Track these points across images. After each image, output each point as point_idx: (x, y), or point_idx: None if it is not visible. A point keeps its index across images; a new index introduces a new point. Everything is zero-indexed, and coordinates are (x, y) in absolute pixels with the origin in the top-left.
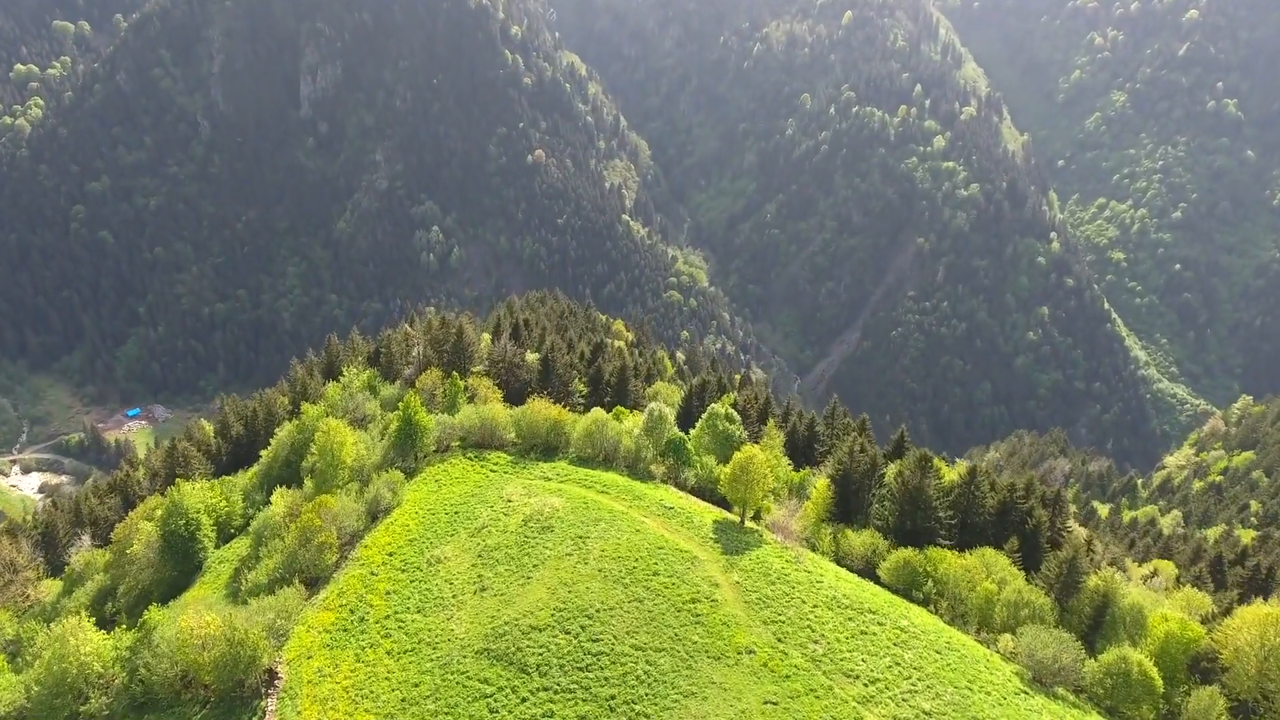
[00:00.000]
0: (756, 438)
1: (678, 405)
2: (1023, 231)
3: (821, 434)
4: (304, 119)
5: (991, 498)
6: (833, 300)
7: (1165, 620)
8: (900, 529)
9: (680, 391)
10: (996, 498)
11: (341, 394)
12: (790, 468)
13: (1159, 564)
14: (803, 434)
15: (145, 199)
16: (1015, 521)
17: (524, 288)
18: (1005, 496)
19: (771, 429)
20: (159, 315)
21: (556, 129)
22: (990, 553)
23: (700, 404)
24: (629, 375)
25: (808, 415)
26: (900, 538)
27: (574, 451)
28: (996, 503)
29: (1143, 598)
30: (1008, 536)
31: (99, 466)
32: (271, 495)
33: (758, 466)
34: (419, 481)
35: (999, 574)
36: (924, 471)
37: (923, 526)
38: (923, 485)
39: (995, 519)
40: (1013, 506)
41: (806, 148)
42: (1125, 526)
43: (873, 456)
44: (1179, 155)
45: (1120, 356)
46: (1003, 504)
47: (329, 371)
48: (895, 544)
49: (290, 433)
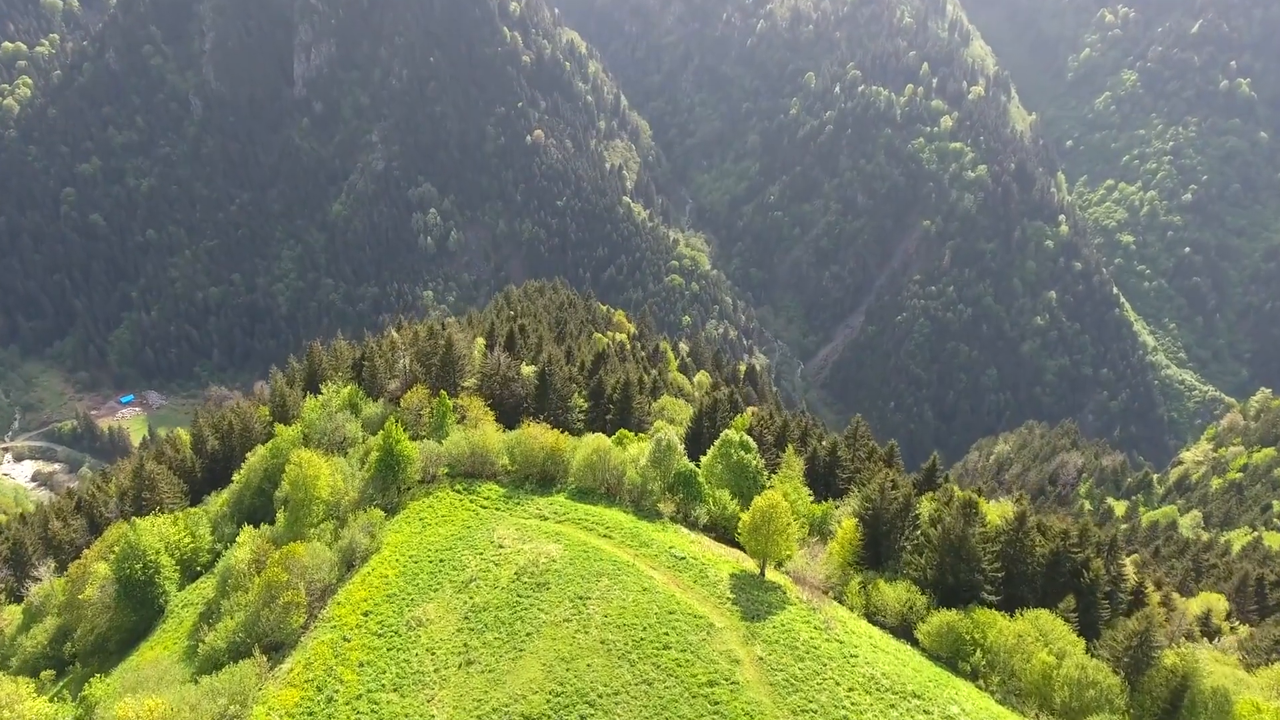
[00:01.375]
0: (774, 466)
1: (686, 424)
2: (1031, 214)
3: (844, 459)
4: (298, 98)
5: (1042, 546)
6: (837, 284)
7: (1258, 712)
8: (940, 582)
9: (689, 409)
10: (1047, 546)
11: (320, 413)
12: (810, 498)
13: (1209, 599)
14: (823, 459)
15: (137, 180)
16: (1068, 573)
17: (523, 272)
18: (1057, 545)
19: (790, 456)
20: (152, 300)
21: (556, 108)
22: (1045, 616)
23: (711, 424)
24: (633, 391)
25: (828, 438)
26: (939, 591)
27: (573, 482)
28: (1048, 552)
29: (1226, 678)
30: (1060, 592)
31: (92, 454)
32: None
33: (781, 516)
34: (401, 520)
35: (1057, 642)
36: (968, 519)
37: (965, 580)
38: (966, 535)
39: (1045, 570)
40: (1066, 557)
41: (811, 128)
42: (1145, 530)
43: (906, 495)
44: (1190, 136)
45: (1128, 342)
46: (1054, 554)
47: (310, 382)
48: (933, 598)
49: (263, 458)
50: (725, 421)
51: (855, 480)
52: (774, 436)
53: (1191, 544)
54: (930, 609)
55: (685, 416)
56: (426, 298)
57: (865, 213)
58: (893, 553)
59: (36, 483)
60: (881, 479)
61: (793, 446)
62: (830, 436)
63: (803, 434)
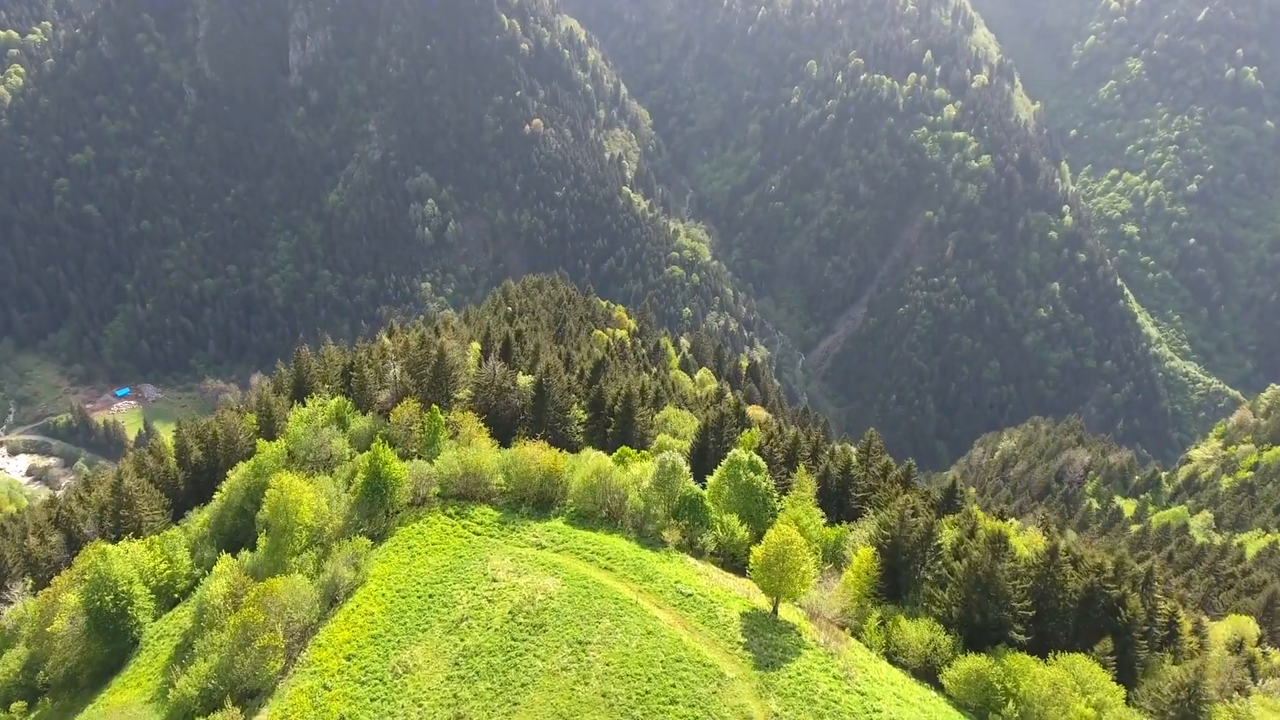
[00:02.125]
0: (784, 486)
1: (691, 438)
2: (1035, 205)
3: (857, 478)
4: (294, 87)
5: (1074, 581)
6: (838, 275)
7: None
8: (965, 620)
9: (693, 421)
10: (1081, 582)
11: (305, 428)
12: (822, 520)
13: (1238, 623)
14: (836, 478)
15: (131, 171)
16: (1102, 610)
17: (522, 263)
18: (1092, 580)
19: (802, 476)
20: (147, 291)
21: (555, 97)
22: (1081, 661)
23: (718, 440)
24: (634, 404)
25: (841, 454)
26: (964, 629)
27: (572, 505)
28: (1081, 588)
29: None
30: (1094, 630)
31: (87, 448)
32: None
33: (796, 553)
34: (389, 548)
35: (1095, 692)
36: (996, 553)
37: (993, 619)
38: (995, 572)
39: (1078, 607)
40: (1100, 593)
41: (812, 117)
42: (1156, 533)
43: (928, 524)
44: (1195, 125)
45: (1132, 334)
46: (1088, 590)
47: (298, 389)
48: (958, 638)
49: (245, 476)
50: (732, 437)
51: (870, 500)
52: (784, 454)
53: (1206, 549)
54: (955, 650)
55: (690, 429)
56: (424, 289)
57: (867, 203)
58: (913, 584)
59: (31, 477)
60: (901, 506)
61: (804, 466)
62: (843, 450)
63: (814, 450)
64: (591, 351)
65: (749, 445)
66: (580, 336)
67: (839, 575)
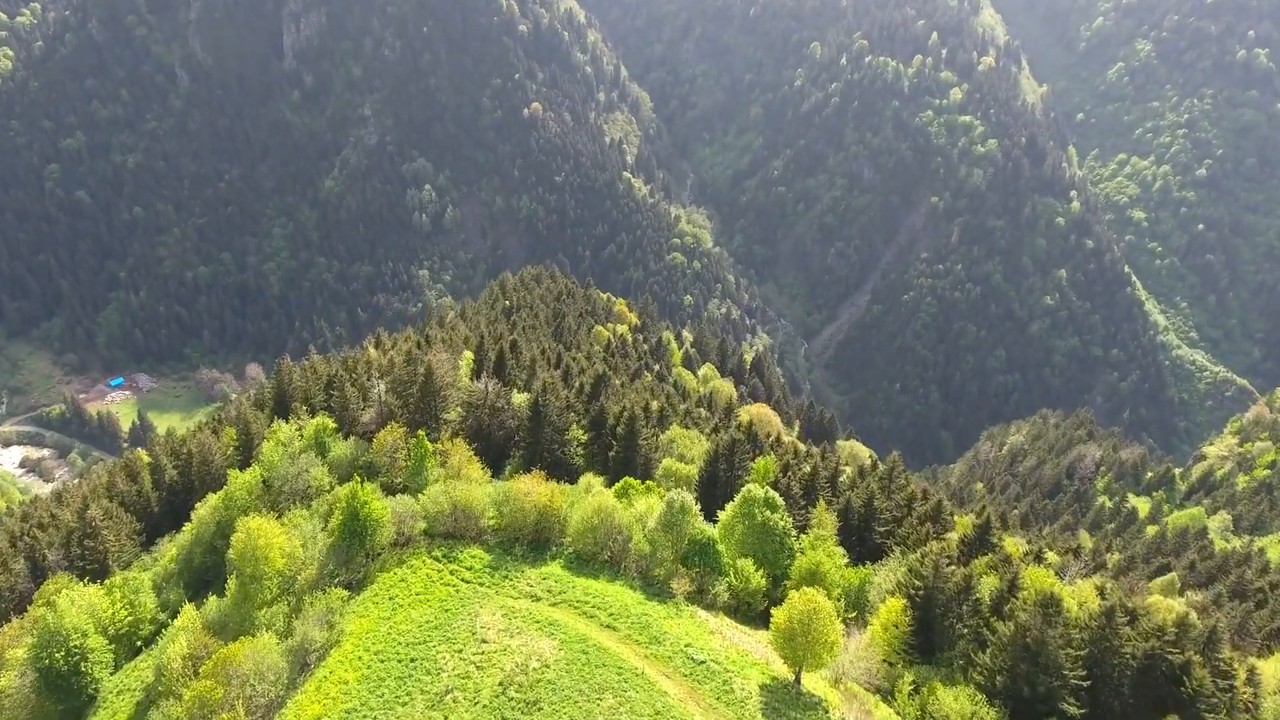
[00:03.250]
0: (804, 524)
1: (700, 461)
2: (1042, 190)
3: (880, 510)
4: (288, 71)
5: (1132, 643)
6: (842, 262)
7: None
8: (1011, 690)
9: (701, 442)
10: (1139, 646)
11: (280, 455)
12: (844, 559)
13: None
14: (858, 511)
15: (123, 156)
16: (1163, 677)
17: (521, 250)
18: (1153, 644)
19: (822, 513)
20: (140, 279)
21: (554, 80)
22: None
23: (729, 468)
24: (638, 426)
25: (864, 486)
26: (1009, 699)
27: (570, 546)
28: (1140, 653)
29: None
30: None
31: (81, 439)
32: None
33: (823, 622)
34: (368, 598)
35: None
36: (1048, 618)
37: (1043, 691)
38: (1047, 639)
39: (1137, 674)
40: (1161, 659)
41: (816, 100)
42: (1174, 538)
43: (966, 576)
44: (1205, 109)
45: (1139, 322)
46: (1148, 655)
47: (280, 403)
48: (1004, 710)
49: (215, 509)
50: (744, 464)
51: (895, 536)
52: (801, 485)
53: (1230, 559)
54: None
55: (698, 453)
56: (422, 277)
57: (871, 188)
58: (948, 640)
59: (25, 469)
60: (935, 555)
61: (824, 501)
62: (868, 483)
63: (832, 477)
64: (592, 352)
65: (763, 475)
66: (580, 334)
67: (863, 625)
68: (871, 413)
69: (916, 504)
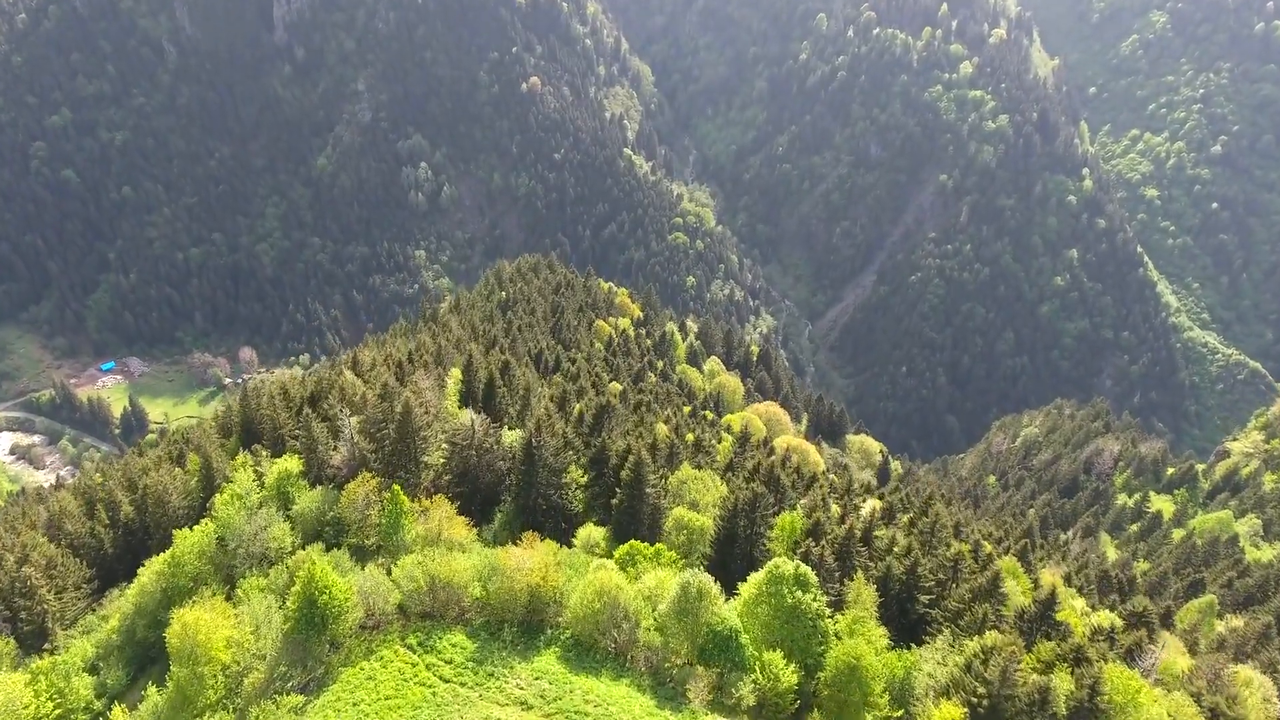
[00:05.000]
0: (839, 600)
1: (714, 511)
2: (1053, 168)
3: (924, 577)
4: (278, 44)
5: None
6: (847, 241)
7: None
8: None
9: (716, 485)
10: None
11: (236, 509)
12: (885, 639)
13: None
14: (898, 578)
15: (110, 134)
16: None
17: (519, 229)
18: None
19: (860, 587)
20: (130, 261)
21: (553, 53)
22: None
23: (749, 523)
24: (645, 472)
25: (905, 548)
26: None
27: (569, 630)
28: None
29: None
30: None
31: (72, 425)
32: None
33: None
34: (327, 703)
35: None
36: None
37: None
38: None
39: None
40: None
41: (822, 74)
42: (1204, 547)
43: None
44: (1221, 83)
45: (1151, 304)
46: None
47: (247, 431)
48: None
49: (160, 575)
50: (766, 519)
51: (941, 605)
52: (835, 550)
53: (1270, 575)
54: None
55: (712, 498)
56: (419, 257)
57: (879, 166)
58: None
59: (15, 456)
60: (1002, 657)
61: (861, 574)
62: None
63: (865, 535)
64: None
65: (788, 535)
66: (579, 331)
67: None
68: (877, 396)
69: (963, 566)
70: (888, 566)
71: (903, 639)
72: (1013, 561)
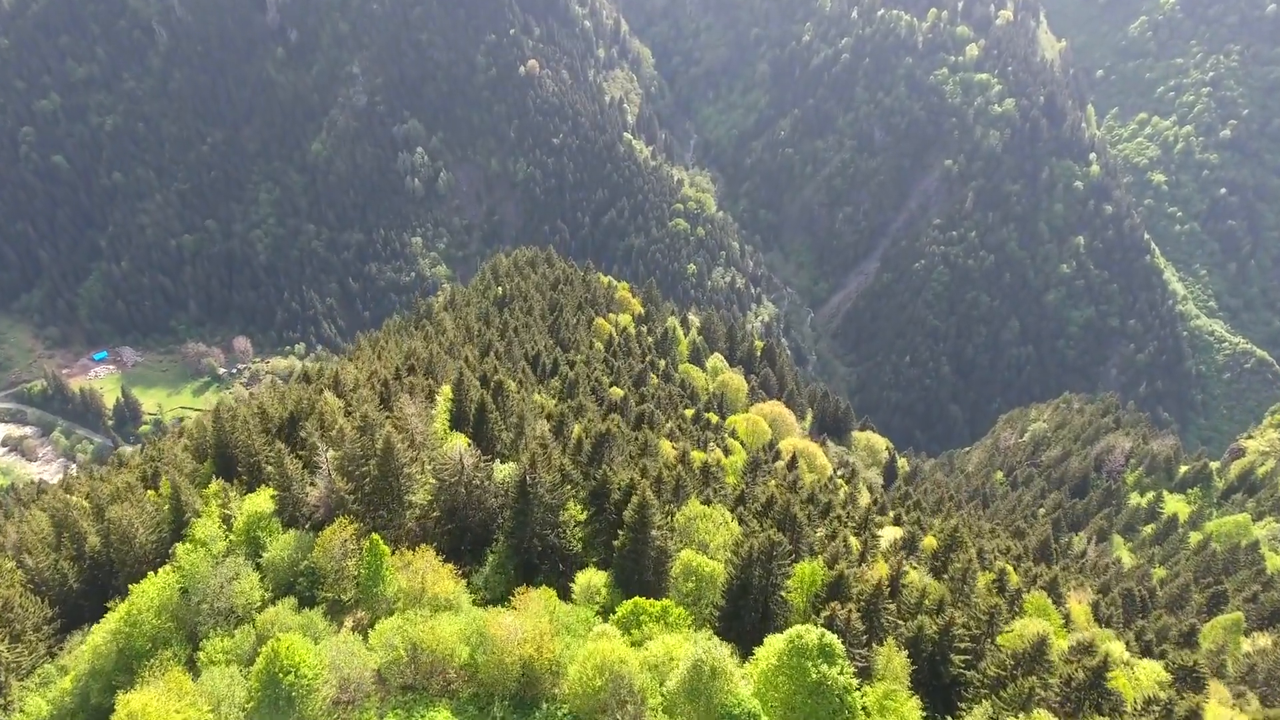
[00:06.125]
0: (866, 668)
1: (725, 558)
2: (1060, 153)
3: (959, 635)
4: (271, 26)
5: None
6: (850, 228)
7: None
8: None
9: (727, 524)
10: None
11: (201, 557)
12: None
13: None
14: (931, 638)
15: (100, 118)
16: None
17: (518, 215)
18: None
19: (890, 652)
20: (122, 248)
21: (551, 35)
22: None
23: (765, 573)
24: (650, 515)
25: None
26: None
27: (566, 705)
28: None
29: None
30: None
31: (64, 417)
32: None
33: None
34: None
35: None
36: None
37: None
38: None
39: None
40: None
41: (825, 56)
42: (1224, 555)
43: None
44: (1231, 66)
45: (1158, 291)
46: None
47: (221, 456)
48: None
49: (115, 635)
50: (784, 570)
51: (978, 668)
52: (862, 611)
53: None
54: None
55: (722, 539)
56: (415, 244)
57: (882, 150)
58: None
59: (7, 448)
60: None
61: (892, 639)
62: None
63: (892, 585)
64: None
65: (808, 588)
66: (579, 330)
67: None
68: (880, 385)
69: (1000, 619)
70: (919, 626)
71: (936, 706)
72: (1042, 598)
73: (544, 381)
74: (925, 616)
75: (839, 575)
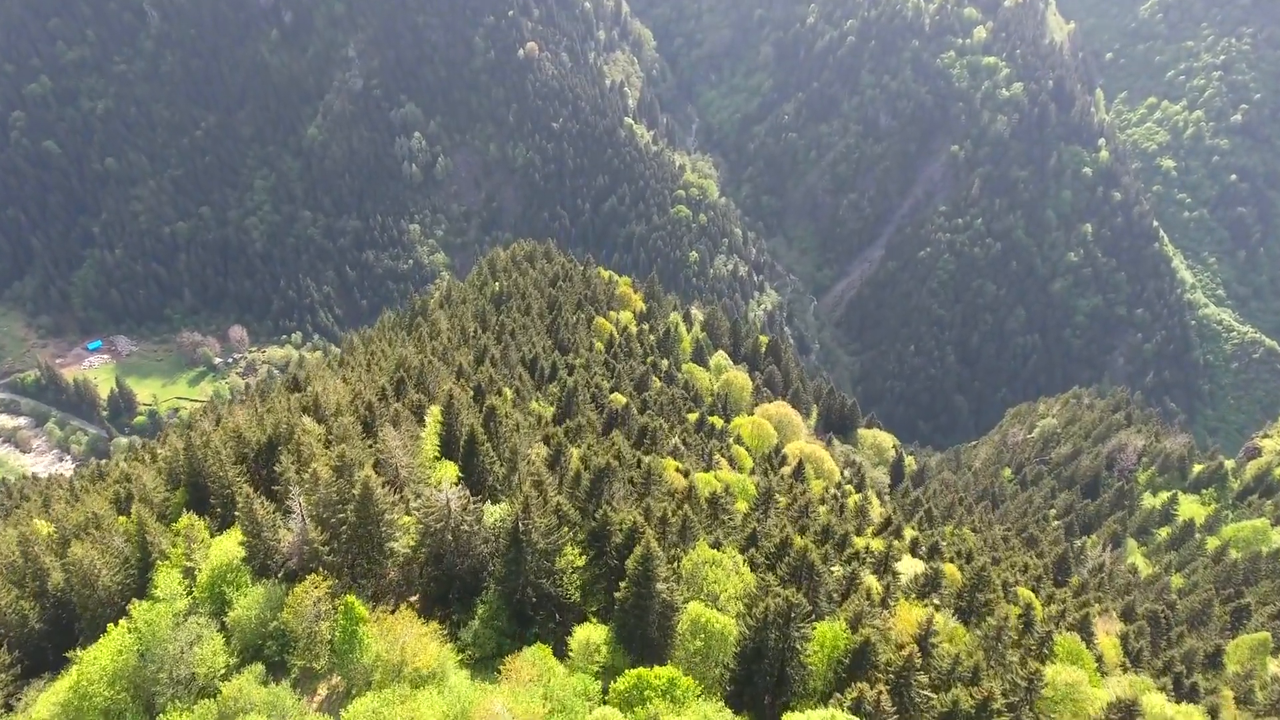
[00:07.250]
0: None
1: (738, 606)
2: (1068, 138)
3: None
4: (265, 7)
5: None
6: (855, 214)
7: None
8: None
9: (739, 571)
10: None
11: (163, 616)
12: None
13: None
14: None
15: (92, 103)
16: None
17: (517, 202)
18: None
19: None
20: (115, 236)
21: (550, 17)
22: None
23: (783, 635)
24: (654, 567)
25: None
26: None
27: None
28: None
29: None
30: None
31: (58, 407)
32: None
33: None
34: None
35: None
36: None
37: None
38: None
39: None
40: None
41: (830, 39)
42: (1245, 563)
43: None
44: (1243, 49)
45: (1166, 279)
46: None
47: (194, 485)
48: None
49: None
50: (802, 633)
51: None
52: (890, 683)
53: None
54: None
55: (733, 588)
56: (413, 232)
57: (888, 135)
58: None
59: (1, 439)
60: None
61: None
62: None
63: (922, 646)
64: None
65: (829, 652)
66: (578, 330)
67: None
68: (884, 375)
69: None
70: (954, 700)
71: None
72: (1074, 640)
73: (542, 387)
74: (959, 688)
75: (864, 642)
